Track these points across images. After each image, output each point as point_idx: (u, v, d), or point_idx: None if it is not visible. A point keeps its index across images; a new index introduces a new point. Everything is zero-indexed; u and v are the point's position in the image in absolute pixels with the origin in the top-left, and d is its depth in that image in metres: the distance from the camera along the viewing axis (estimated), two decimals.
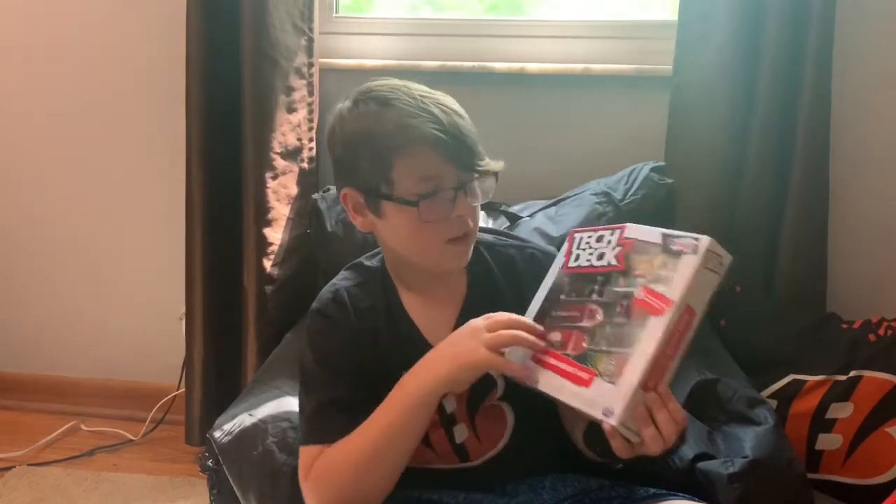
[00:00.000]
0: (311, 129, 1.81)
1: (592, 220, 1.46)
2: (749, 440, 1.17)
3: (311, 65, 1.78)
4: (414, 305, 1.08)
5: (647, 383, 0.83)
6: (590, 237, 0.97)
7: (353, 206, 1.06)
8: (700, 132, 1.66)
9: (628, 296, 0.87)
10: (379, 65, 1.84)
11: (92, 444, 2.00)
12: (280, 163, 1.76)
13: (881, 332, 1.58)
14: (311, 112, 1.80)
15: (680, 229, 1.54)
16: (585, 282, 0.94)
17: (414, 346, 1.03)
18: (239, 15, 1.70)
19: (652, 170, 1.53)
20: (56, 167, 2.08)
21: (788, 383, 1.58)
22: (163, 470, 1.90)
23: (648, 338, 0.83)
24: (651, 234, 0.90)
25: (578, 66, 1.77)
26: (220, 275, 1.83)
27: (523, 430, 1.07)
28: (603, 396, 0.84)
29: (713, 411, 1.28)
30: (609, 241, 0.94)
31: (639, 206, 1.48)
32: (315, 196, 1.69)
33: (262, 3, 1.68)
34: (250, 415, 1.28)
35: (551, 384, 0.90)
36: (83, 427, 2.07)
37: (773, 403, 1.56)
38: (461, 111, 1.02)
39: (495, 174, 1.03)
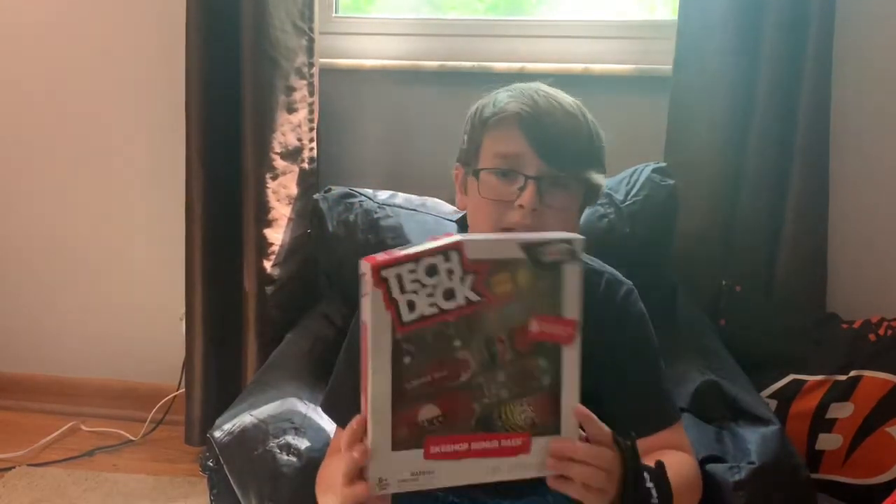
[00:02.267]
0: (311, 129, 1.81)
1: (594, 222, 1.46)
2: (754, 444, 1.17)
3: (311, 65, 1.78)
4: None
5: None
6: (412, 271, 0.72)
7: (459, 184, 1.07)
8: (700, 132, 1.66)
9: (512, 331, 0.75)
10: (379, 65, 1.84)
11: (92, 444, 1.99)
12: (280, 163, 1.76)
13: (881, 331, 1.58)
14: (311, 112, 1.80)
15: (680, 229, 1.58)
16: (439, 334, 0.74)
17: None
18: (239, 15, 1.70)
19: (653, 171, 1.53)
20: (56, 168, 2.08)
21: (788, 383, 1.58)
22: (163, 470, 1.90)
23: (569, 370, 0.76)
24: (504, 247, 0.74)
25: (578, 66, 1.77)
26: (220, 275, 1.83)
27: None
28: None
29: (719, 410, 1.27)
30: (451, 271, 0.73)
31: (640, 207, 1.47)
32: (316, 196, 1.68)
33: (262, 3, 1.68)
34: (251, 415, 1.27)
35: (480, 471, 0.76)
36: (83, 427, 2.07)
37: (773, 403, 1.56)
38: (576, 111, 1.00)
39: (589, 184, 1.00)
